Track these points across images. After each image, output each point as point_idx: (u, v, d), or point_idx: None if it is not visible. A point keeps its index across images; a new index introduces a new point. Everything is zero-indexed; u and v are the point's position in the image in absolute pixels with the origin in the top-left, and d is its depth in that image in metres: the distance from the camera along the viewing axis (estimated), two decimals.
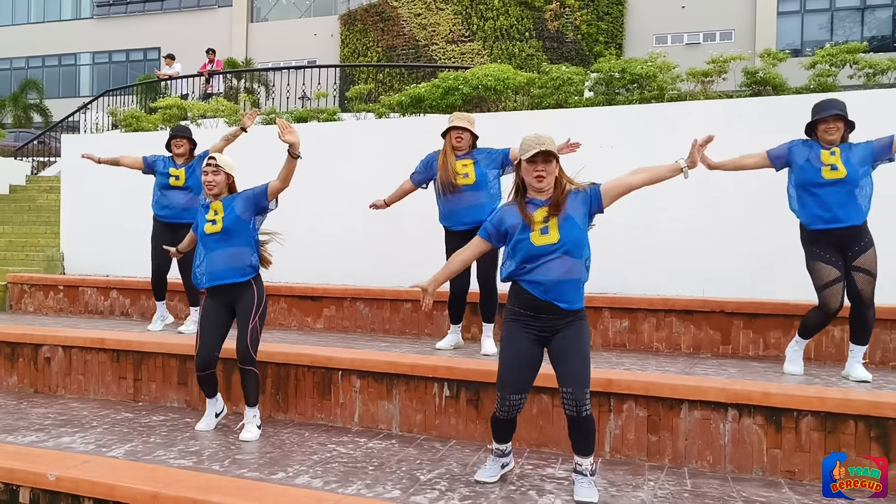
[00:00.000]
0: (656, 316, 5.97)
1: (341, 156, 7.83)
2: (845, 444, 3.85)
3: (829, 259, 4.62)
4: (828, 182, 4.56)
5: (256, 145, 7.27)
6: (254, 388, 4.59)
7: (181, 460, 4.06)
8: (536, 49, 25.40)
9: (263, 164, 5.82)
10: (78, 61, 34.60)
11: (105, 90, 15.81)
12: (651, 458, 4.22)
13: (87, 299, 7.76)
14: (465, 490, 3.63)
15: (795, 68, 7.36)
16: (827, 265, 4.61)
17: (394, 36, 27.34)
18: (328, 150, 7.89)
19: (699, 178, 5.36)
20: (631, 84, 7.33)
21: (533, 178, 3.47)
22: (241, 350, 4.52)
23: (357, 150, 7.78)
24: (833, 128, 4.62)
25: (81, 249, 8.78)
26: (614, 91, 7.45)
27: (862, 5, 24.05)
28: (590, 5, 25.06)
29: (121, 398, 5.61)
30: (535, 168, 3.45)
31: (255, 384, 4.59)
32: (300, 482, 3.71)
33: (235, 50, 28.69)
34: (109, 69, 33.70)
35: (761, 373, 4.92)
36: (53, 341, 5.84)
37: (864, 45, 6.93)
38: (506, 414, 3.61)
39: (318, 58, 27.71)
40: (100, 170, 8.72)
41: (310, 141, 8.04)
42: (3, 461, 3.90)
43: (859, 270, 4.62)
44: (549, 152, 3.42)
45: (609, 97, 7.45)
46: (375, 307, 6.75)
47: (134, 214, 8.34)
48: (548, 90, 7.52)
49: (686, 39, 24.87)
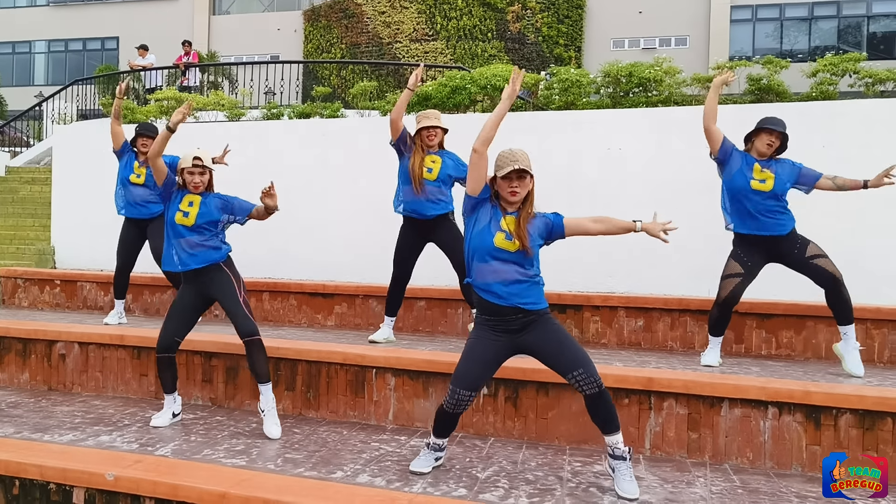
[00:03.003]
0: (671, 315, 6.12)
1: (345, 153, 7.82)
2: (883, 440, 4.02)
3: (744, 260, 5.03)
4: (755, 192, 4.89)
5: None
6: (263, 359, 4.55)
7: (233, 459, 4.04)
8: (498, 50, 25.74)
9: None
10: (33, 49, 33.61)
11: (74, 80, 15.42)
12: (692, 454, 4.34)
13: (85, 294, 7.61)
14: (528, 488, 3.70)
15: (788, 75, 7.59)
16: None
17: (358, 33, 27.29)
18: (331, 146, 7.88)
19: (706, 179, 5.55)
20: (637, 87, 7.47)
21: (507, 192, 3.66)
22: (241, 322, 4.51)
23: (362, 147, 7.77)
24: (773, 142, 4.91)
25: (73, 243, 8.60)
26: (620, 94, 7.58)
27: (809, 16, 25.17)
28: (550, 8, 25.51)
29: (142, 396, 5.53)
30: (510, 184, 3.64)
31: (263, 354, 4.56)
32: (362, 481, 3.73)
33: (197, 42, 28.17)
34: (66, 58, 32.84)
35: (781, 371, 5.10)
36: (69, 337, 5.73)
37: (864, 55, 7.18)
38: (452, 408, 3.73)
39: (282, 53, 27.49)
40: (93, 162, 8.60)
41: (314, 136, 8.07)
42: (54, 461, 3.83)
43: (814, 257, 4.92)
44: (522, 170, 3.60)
45: (615, 100, 7.58)
46: None
47: None
48: (555, 91, 7.62)
49: (643, 44, 25.61)
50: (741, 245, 5.07)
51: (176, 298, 4.71)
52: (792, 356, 5.82)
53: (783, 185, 4.89)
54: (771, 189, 4.86)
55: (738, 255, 5.05)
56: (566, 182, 7.02)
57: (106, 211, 8.52)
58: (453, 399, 3.70)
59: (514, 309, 3.63)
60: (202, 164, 4.55)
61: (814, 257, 4.91)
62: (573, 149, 7.14)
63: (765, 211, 4.91)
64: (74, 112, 15.73)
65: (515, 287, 3.63)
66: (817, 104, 6.72)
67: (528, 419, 4.66)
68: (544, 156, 6.76)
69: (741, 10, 25.37)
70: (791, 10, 25.24)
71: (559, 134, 7.21)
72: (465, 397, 3.69)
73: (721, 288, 5.07)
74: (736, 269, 5.00)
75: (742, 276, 4.98)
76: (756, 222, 4.94)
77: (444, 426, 3.87)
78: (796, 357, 5.80)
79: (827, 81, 7.01)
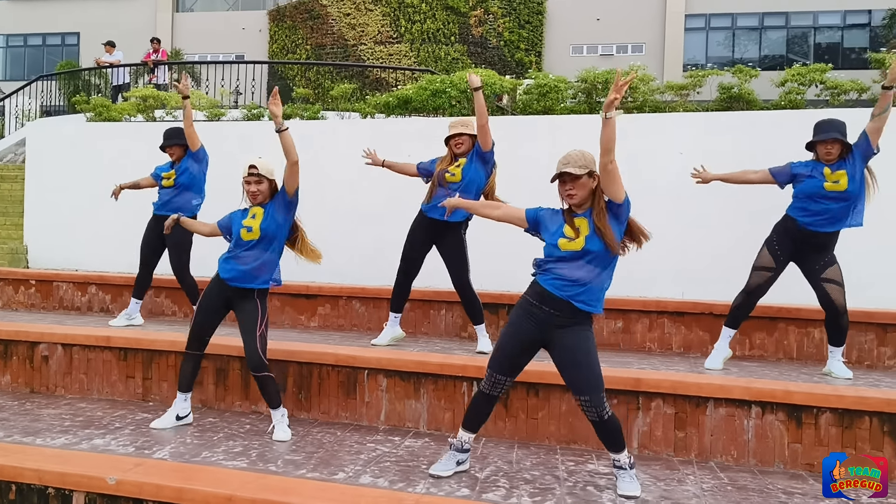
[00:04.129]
0: (649, 317, 6.29)
1: (326, 154, 7.86)
2: (861, 438, 4.21)
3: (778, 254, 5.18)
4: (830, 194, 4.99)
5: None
6: (273, 391, 4.60)
7: (233, 462, 4.08)
8: (461, 53, 26.04)
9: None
10: None
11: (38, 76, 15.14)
12: (678, 453, 4.50)
13: (62, 294, 7.52)
14: (528, 487, 3.81)
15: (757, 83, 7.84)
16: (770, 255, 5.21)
17: (323, 34, 27.22)
18: (312, 148, 7.90)
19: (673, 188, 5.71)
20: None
21: (564, 196, 3.72)
22: (252, 358, 4.52)
23: (342, 150, 7.82)
24: (830, 150, 5.02)
25: (47, 242, 8.49)
26: (595, 100, 7.75)
27: (759, 26, 25.98)
28: (512, 13, 25.91)
29: (128, 398, 5.51)
30: (564, 187, 3.69)
31: (273, 387, 4.61)
32: (365, 482, 3.80)
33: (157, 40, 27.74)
34: (24, 53, 31.99)
35: (758, 371, 5.30)
36: (52, 339, 5.67)
37: (830, 66, 7.45)
38: (489, 389, 3.83)
39: (247, 53, 27.21)
40: (66, 159, 8.50)
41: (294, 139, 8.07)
42: (52, 465, 3.81)
43: (829, 281, 5.08)
44: (565, 173, 3.62)
45: (591, 105, 7.74)
46: (372, 306, 6.84)
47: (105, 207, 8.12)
48: (534, 96, 7.75)
49: (601, 51, 26.17)
50: (782, 232, 5.18)
51: (204, 293, 4.70)
52: (764, 357, 6.03)
53: (854, 180, 4.91)
54: (846, 189, 4.92)
55: (773, 247, 5.19)
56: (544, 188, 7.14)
57: (81, 209, 8.45)
58: (489, 381, 3.83)
59: (564, 302, 3.62)
60: (258, 173, 4.50)
61: (829, 281, 5.07)
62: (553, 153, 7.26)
63: (833, 213, 4.99)
64: (37, 108, 15.46)
65: (580, 285, 3.61)
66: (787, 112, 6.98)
67: (519, 419, 4.77)
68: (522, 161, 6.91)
69: (695, 19, 26.12)
70: (742, 19, 26.05)
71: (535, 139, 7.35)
72: (502, 380, 3.80)
73: (752, 277, 5.25)
74: (769, 262, 5.17)
75: (773, 270, 5.18)
76: (816, 219, 5.03)
77: (477, 413, 3.91)
78: (768, 358, 6.02)
79: (795, 91, 7.26)
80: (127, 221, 7.65)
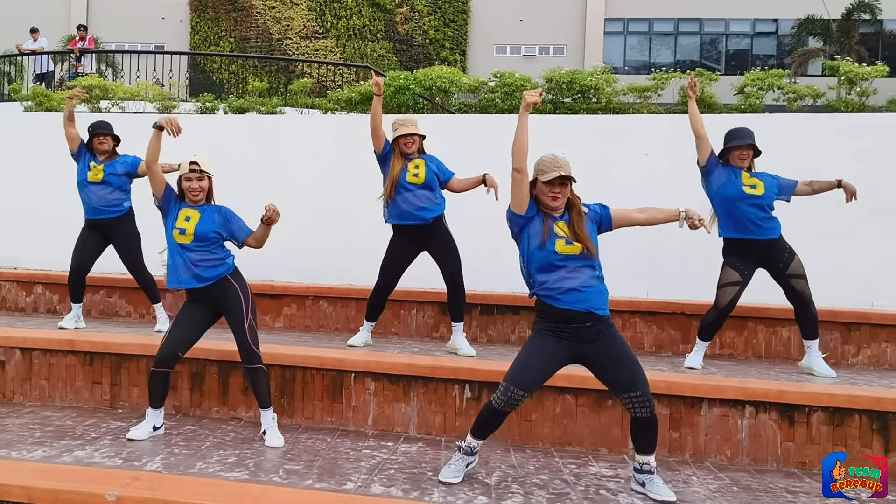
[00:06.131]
0: (622, 317, 6.33)
1: (288, 151, 7.64)
2: (851, 436, 4.35)
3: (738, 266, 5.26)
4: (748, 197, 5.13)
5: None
6: (266, 387, 4.45)
7: (232, 472, 3.89)
8: (387, 50, 26.07)
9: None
10: None
11: None
12: (673, 453, 4.55)
13: (4, 294, 7.06)
14: (543, 493, 3.77)
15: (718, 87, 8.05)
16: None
17: (247, 27, 26.66)
18: (273, 144, 7.68)
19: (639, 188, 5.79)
20: (578, 94, 7.69)
21: (548, 198, 3.70)
22: (244, 350, 4.38)
23: (304, 146, 7.61)
24: (745, 155, 5.18)
25: None
26: (560, 100, 7.78)
27: (675, 31, 26.93)
28: (437, 12, 26.08)
29: (95, 405, 5.21)
30: (552, 189, 3.67)
31: (266, 382, 4.45)
32: (377, 492, 3.68)
33: (74, 26, 26.51)
34: None
35: (739, 371, 5.41)
36: (8, 343, 5.31)
37: (787, 72, 7.70)
38: (502, 405, 3.69)
39: (167, 43, 26.21)
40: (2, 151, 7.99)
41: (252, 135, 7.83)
42: (41, 481, 3.56)
43: (794, 276, 5.24)
44: (566, 177, 3.63)
45: (555, 105, 7.77)
46: (340, 306, 6.68)
47: (47, 198, 7.71)
48: (497, 95, 7.73)
49: (523, 51, 26.65)
50: (734, 252, 5.26)
51: (182, 309, 4.46)
52: (734, 355, 6.17)
53: (771, 191, 5.12)
54: (763, 194, 5.08)
55: (734, 263, 5.24)
56: None
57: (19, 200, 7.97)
58: (505, 396, 3.66)
59: (587, 315, 3.61)
60: (200, 169, 4.30)
61: (794, 276, 5.21)
62: None
63: (756, 217, 5.12)
64: None
65: (590, 291, 3.62)
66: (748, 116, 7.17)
67: (512, 421, 4.71)
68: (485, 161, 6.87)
69: (614, 23, 26.91)
70: (658, 24, 26.94)
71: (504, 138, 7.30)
72: (519, 396, 3.66)
73: (720, 295, 5.23)
74: (734, 277, 5.20)
75: (740, 283, 5.20)
76: (748, 227, 5.14)
77: (487, 426, 3.82)
78: (738, 356, 6.16)
79: (754, 95, 7.47)
80: (70, 217, 7.23)
